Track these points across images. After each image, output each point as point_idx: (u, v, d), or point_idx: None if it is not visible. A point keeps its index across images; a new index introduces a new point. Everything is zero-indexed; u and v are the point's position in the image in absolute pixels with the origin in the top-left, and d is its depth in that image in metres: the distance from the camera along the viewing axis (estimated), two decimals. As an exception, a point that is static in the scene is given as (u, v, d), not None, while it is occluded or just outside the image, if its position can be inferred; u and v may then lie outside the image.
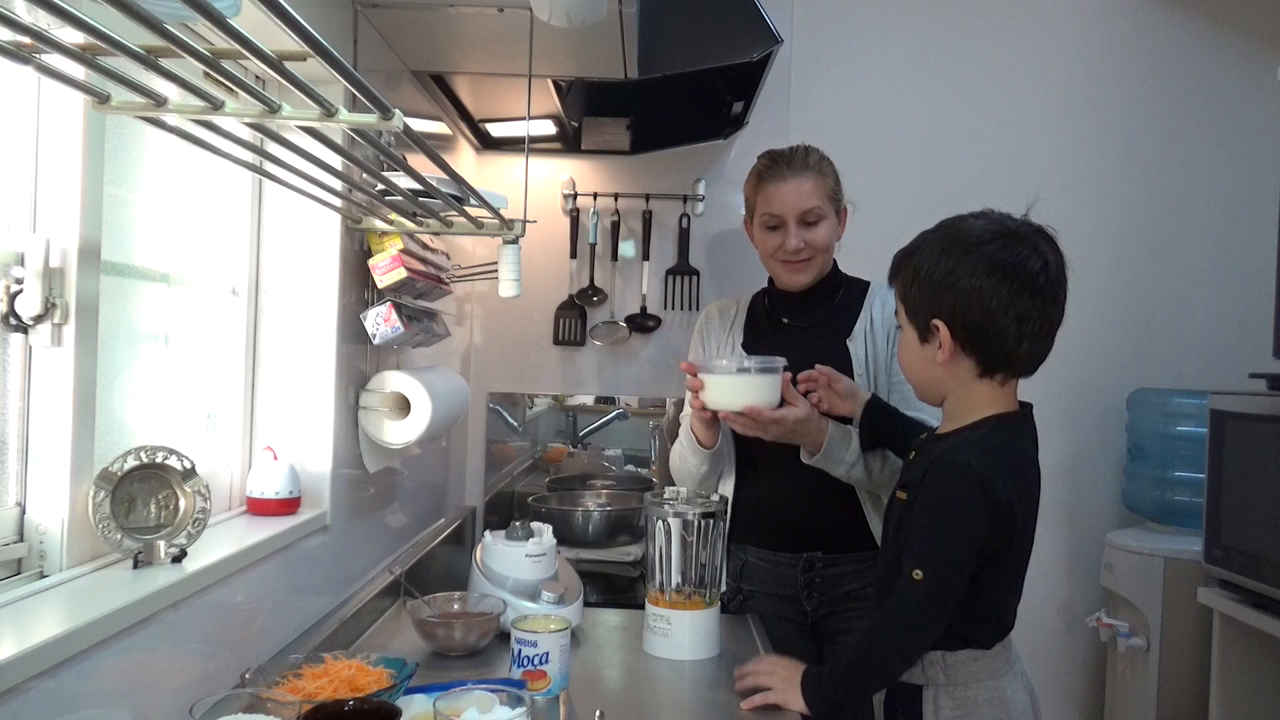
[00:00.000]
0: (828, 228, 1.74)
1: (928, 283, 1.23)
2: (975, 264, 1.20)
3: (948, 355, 1.23)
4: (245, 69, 1.28)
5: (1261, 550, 1.95)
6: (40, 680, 0.85)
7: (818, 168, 1.74)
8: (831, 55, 2.62)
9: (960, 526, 1.19)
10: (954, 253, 1.21)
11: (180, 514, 1.17)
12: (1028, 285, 1.19)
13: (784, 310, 1.83)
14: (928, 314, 1.24)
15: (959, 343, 1.23)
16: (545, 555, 1.66)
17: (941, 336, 1.23)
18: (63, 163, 1.03)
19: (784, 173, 1.72)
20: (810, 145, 1.78)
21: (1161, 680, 2.29)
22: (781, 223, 1.73)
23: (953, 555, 1.18)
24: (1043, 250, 1.22)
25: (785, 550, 1.77)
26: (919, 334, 1.27)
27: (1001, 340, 1.21)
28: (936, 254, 1.23)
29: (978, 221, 1.25)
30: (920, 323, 1.26)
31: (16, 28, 0.66)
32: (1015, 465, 1.22)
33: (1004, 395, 1.26)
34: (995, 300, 1.19)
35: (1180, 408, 2.40)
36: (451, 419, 1.87)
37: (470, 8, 1.54)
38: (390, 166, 1.36)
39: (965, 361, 1.24)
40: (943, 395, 1.30)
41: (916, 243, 1.28)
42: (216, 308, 1.45)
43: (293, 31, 0.68)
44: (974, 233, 1.23)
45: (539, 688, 1.33)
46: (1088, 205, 2.62)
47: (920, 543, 1.20)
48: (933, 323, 1.23)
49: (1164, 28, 2.64)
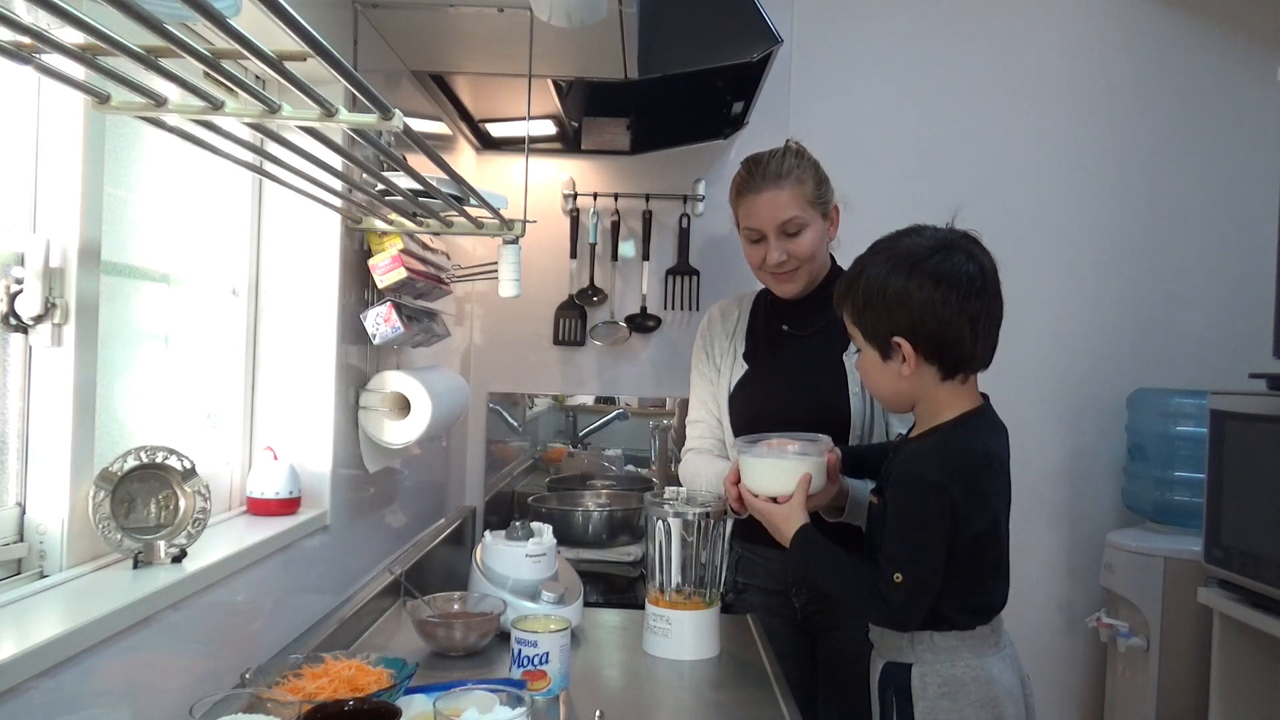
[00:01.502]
0: (812, 234, 1.70)
1: (882, 304, 1.30)
2: (923, 279, 1.27)
3: (912, 368, 1.30)
4: (245, 69, 1.28)
5: (1261, 550, 1.95)
6: (40, 680, 0.85)
7: (795, 175, 1.68)
8: (831, 55, 2.62)
9: (923, 530, 1.27)
10: (901, 271, 1.29)
11: (180, 514, 1.16)
12: (972, 289, 1.27)
13: (783, 317, 1.81)
14: (887, 333, 1.31)
15: (921, 354, 1.30)
16: (545, 555, 1.66)
17: (905, 351, 1.30)
18: (63, 163, 1.03)
19: (759, 184, 1.69)
20: (791, 146, 1.74)
21: (1161, 680, 2.29)
22: (762, 236, 1.71)
23: (924, 556, 1.27)
24: (976, 254, 1.30)
25: (777, 547, 1.77)
26: (880, 353, 1.33)
27: (959, 344, 1.29)
28: (884, 275, 1.30)
29: (914, 239, 1.32)
30: (880, 342, 1.32)
31: (16, 28, 0.66)
32: (971, 465, 1.29)
33: (966, 392, 1.34)
34: (947, 309, 1.27)
35: (1180, 408, 2.40)
36: (451, 419, 1.87)
37: (470, 8, 1.54)
38: (390, 166, 1.36)
39: (928, 369, 1.31)
40: (912, 404, 1.37)
41: (858, 268, 1.35)
42: (216, 308, 1.45)
43: (293, 31, 0.68)
44: (914, 250, 1.30)
45: (539, 688, 1.33)
46: (1087, 205, 2.63)
47: (893, 547, 1.29)
48: (893, 340, 1.30)
49: (1164, 28, 2.64)
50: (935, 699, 1.30)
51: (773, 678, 1.50)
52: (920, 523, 1.27)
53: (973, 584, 1.31)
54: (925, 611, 1.28)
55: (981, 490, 1.29)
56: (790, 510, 1.41)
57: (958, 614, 1.30)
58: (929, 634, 1.31)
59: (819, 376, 1.71)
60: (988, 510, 1.29)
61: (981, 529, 1.28)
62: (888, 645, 1.37)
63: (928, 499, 1.27)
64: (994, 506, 1.31)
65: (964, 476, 1.28)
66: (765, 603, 1.81)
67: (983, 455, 1.31)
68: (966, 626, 1.31)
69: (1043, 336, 2.63)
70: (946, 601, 1.28)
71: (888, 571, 1.27)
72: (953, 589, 1.28)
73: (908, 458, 1.33)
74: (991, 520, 1.30)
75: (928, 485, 1.27)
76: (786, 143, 1.76)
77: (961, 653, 1.31)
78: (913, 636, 1.32)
